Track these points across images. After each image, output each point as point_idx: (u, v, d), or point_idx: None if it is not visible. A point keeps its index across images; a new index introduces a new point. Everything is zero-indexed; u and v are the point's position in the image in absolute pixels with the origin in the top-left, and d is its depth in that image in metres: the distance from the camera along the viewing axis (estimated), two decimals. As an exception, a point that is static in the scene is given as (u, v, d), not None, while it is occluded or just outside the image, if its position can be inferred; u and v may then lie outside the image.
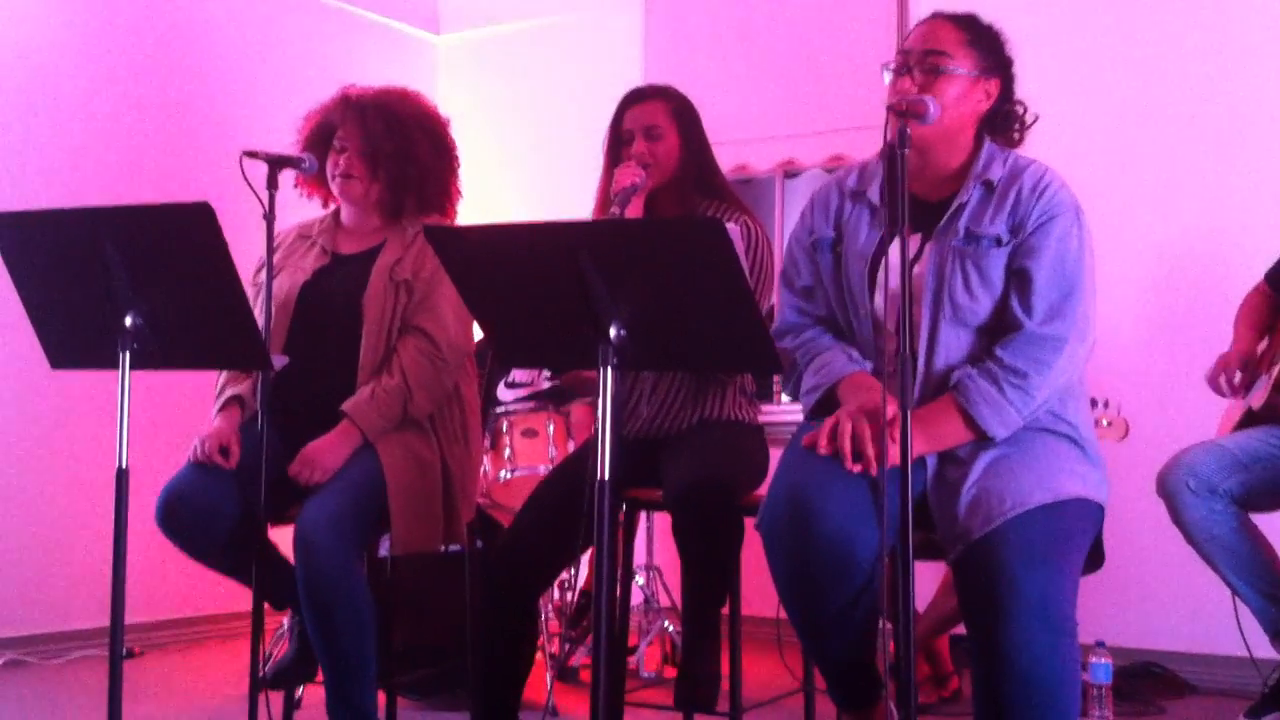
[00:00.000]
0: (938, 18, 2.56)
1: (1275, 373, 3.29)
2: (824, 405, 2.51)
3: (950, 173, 2.54)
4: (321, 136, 3.22)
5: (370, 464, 2.97)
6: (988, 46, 2.55)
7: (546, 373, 4.53)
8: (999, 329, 2.46)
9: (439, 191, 3.26)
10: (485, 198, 5.70)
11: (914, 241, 2.51)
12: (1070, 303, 2.42)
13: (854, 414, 2.36)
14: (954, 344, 2.47)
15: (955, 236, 2.47)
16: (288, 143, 3.25)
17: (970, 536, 2.28)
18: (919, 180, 2.54)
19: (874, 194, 2.58)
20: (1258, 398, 3.34)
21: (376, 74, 3.57)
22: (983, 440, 2.39)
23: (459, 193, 3.33)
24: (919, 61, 2.49)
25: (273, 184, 2.91)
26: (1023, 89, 2.60)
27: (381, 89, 3.26)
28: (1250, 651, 3.33)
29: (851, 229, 2.60)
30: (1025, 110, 2.61)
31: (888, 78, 2.50)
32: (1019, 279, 2.44)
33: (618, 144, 3.21)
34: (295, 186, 3.24)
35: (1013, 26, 2.60)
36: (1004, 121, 2.59)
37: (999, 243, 2.45)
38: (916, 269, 2.49)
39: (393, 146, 3.15)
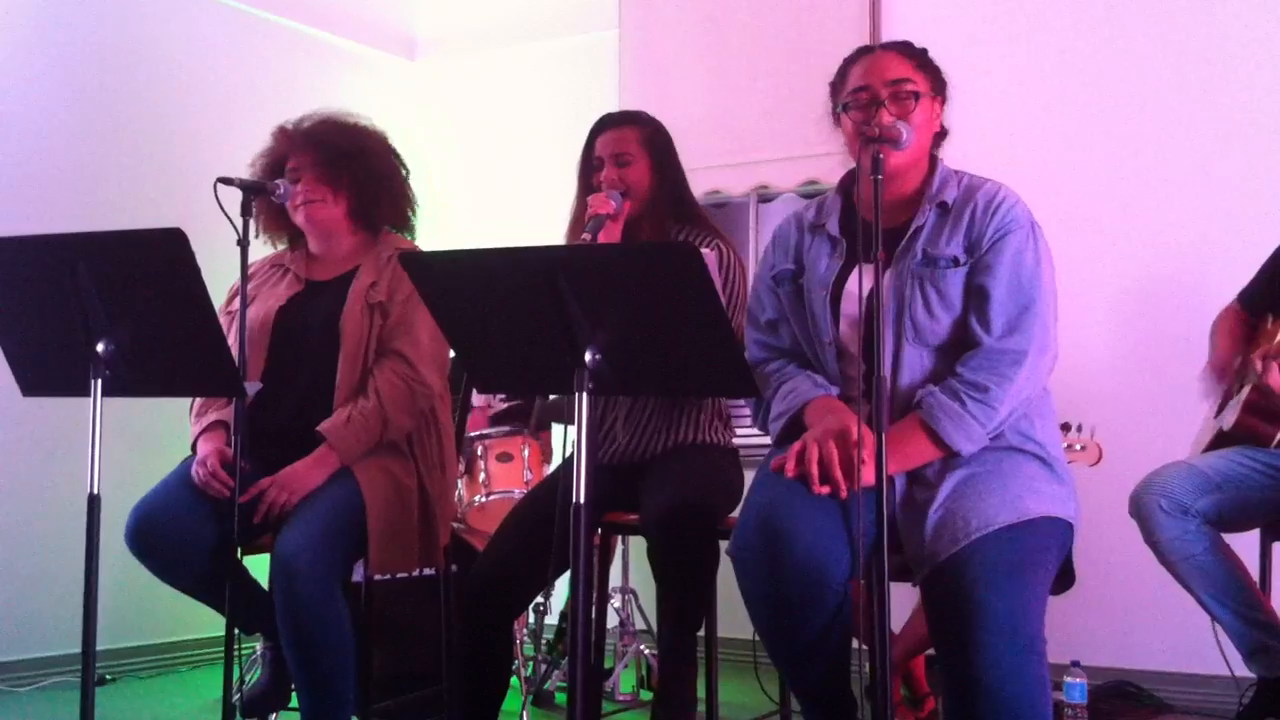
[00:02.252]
0: (885, 49, 2.60)
1: (1246, 394, 3.31)
2: (792, 431, 2.52)
3: (906, 198, 2.58)
4: (272, 174, 3.19)
5: (349, 488, 2.96)
6: (933, 68, 2.60)
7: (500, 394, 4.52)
8: (960, 347, 2.48)
9: (402, 197, 3.25)
10: (460, 222, 5.70)
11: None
12: (1028, 317, 2.44)
13: (820, 437, 2.38)
14: (917, 364, 2.50)
15: (914, 259, 2.50)
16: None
17: (937, 558, 2.29)
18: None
19: (833, 227, 2.62)
20: (1229, 419, 3.36)
21: (351, 100, 3.56)
22: (950, 456, 2.41)
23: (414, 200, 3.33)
24: (892, 93, 2.51)
25: (247, 210, 2.91)
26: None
27: (315, 112, 3.25)
28: (1231, 669, 3.34)
29: (812, 260, 2.63)
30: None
31: (846, 118, 2.53)
32: (977, 296, 2.46)
33: (589, 170, 3.22)
34: (257, 236, 3.20)
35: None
36: (938, 140, 2.65)
37: (956, 263, 2.48)
38: None
39: (350, 152, 3.14)
